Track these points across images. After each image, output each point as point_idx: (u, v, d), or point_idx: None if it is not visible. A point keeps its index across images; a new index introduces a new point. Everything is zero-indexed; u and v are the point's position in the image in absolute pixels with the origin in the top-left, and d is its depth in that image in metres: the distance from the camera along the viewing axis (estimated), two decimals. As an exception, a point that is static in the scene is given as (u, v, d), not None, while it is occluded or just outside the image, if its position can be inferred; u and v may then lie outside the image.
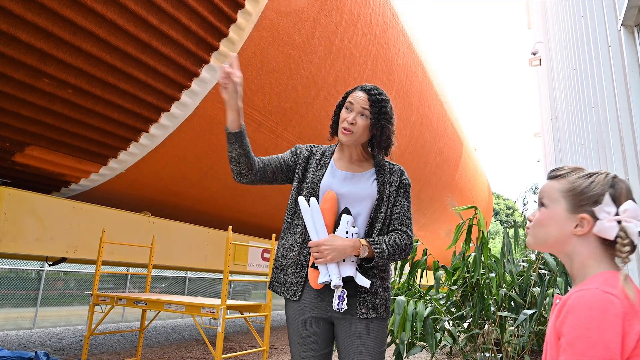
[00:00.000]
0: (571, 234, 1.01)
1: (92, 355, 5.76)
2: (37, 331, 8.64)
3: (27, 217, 4.54)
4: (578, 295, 0.91)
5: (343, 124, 1.68)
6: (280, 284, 1.71)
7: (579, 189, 1.02)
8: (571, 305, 0.91)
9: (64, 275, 10.86)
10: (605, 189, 0.99)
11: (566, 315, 0.90)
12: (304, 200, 1.63)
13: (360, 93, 1.69)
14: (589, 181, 1.01)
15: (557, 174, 1.08)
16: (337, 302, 1.56)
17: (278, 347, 7.19)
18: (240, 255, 7.03)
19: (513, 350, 3.88)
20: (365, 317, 1.61)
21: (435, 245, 12.95)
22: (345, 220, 1.61)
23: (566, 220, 1.02)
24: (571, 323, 0.88)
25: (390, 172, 1.78)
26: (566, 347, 0.87)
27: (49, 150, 4.64)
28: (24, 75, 3.85)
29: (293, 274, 1.67)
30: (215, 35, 4.66)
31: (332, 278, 1.54)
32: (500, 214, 44.50)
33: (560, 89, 6.87)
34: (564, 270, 3.61)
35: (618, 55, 2.31)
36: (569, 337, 0.88)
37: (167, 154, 5.42)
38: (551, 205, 1.06)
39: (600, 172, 1.04)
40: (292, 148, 1.84)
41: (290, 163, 1.78)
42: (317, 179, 1.69)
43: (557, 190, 1.05)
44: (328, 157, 1.78)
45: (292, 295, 1.66)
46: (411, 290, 4.30)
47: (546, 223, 1.06)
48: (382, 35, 7.31)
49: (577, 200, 1.01)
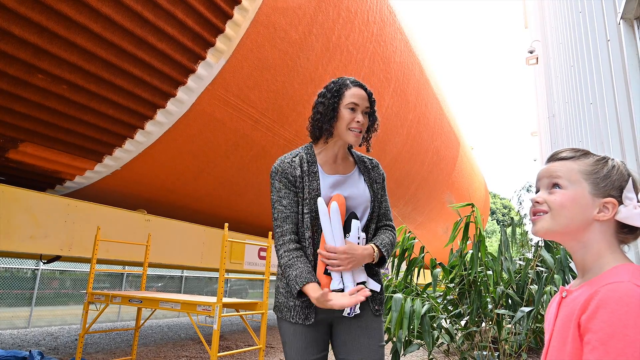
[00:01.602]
0: (593, 220, 0.94)
1: (87, 354, 5.71)
2: (31, 330, 8.58)
3: (21, 214, 4.50)
4: (609, 288, 0.83)
5: (352, 124, 1.62)
6: (289, 308, 1.61)
7: (602, 172, 0.95)
8: (602, 299, 0.82)
9: (60, 274, 10.80)
10: (628, 174, 0.95)
11: (596, 309, 0.82)
12: (323, 202, 1.58)
13: (360, 90, 1.66)
14: (611, 165, 0.96)
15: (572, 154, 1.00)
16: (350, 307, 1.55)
17: (274, 345, 7.16)
18: (236, 253, 7.00)
19: (510, 348, 3.87)
20: (379, 313, 1.67)
21: (432, 244, 12.95)
22: (355, 225, 1.61)
23: (590, 203, 0.94)
24: (605, 319, 0.80)
25: (371, 168, 1.78)
26: (598, 344, 0.79)
27: (44, 147, 4.60)
28: (18, 70, 3.80)
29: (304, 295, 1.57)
30: (212, 31, 4.63)
31: (347, 285, 1.55)
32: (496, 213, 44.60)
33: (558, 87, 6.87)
34: (561, 267, 3.60)
35: (617, 50, 2.30)
36: (601, 333, 0.79)
37: (163, 151, 5.38)
38: (571, 187, 0.96)
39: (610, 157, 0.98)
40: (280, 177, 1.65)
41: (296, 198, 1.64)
42: (315, 193, 1.62)
43: (578, 172, 0.97)
44: (313, 163, 1.67)
45: (304, 320, 1.58)
46: (408, 288, 4.28)
47: (568, 205, 0.96)
48: (379, 33, 7.28)
49: (602, 184, 0.94)
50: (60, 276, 10.83)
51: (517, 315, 3.48)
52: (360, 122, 1.62)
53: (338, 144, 1.69)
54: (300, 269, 1.53)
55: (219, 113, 5.40)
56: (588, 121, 3.70)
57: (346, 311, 1.56)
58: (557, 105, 7.29)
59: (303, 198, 1.62)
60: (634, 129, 2.09)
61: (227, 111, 5.46)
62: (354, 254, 1.52)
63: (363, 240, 1.61)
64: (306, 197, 1.61)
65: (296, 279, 1.52)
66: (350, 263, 1.52)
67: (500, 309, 3.88)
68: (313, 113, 1.70)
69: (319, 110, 1.66)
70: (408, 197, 10.95)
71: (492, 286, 3.86)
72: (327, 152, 1.70)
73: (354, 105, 1.62)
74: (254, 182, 6.84)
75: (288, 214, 1.61)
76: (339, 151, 1.71)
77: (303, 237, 1.61)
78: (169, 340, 7.47)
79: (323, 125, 1.64)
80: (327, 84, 1.71)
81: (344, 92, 1.64)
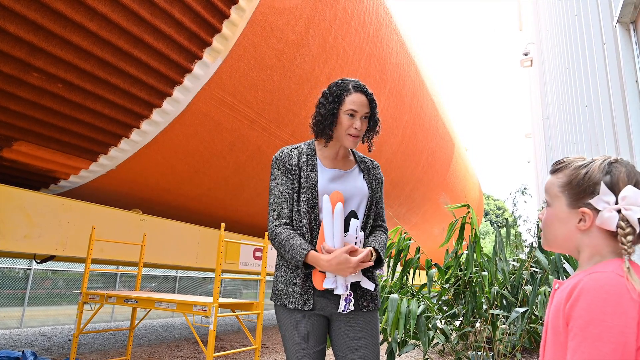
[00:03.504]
0: (576, 230, 0.96)
1: (80, 355, 5.68)
2: (24, 330, 8.51)
3: (15, 214, 4.46)
4: (592, 277, 0.86)
5: (350, 130, 1.68)
6: (288, 295, 1.64)
7: (575, 182, 0.96)
8: (584, 287, 0.85)
9: (52, 274, 10.71)
10: (600, 177, 0.93)
11: (577, 297, 0.84)
12: (328, 200, 1.61)
13: (361, 97, 1.69)
14: (584, 171, 0.95)
15: (557, 167, 1.02)
16: (344, 304, 1.59)
17: (269, 346, 7.15)
18: (232, 253, 6.98)
19: (505, 348, 3.89)
20: (368, 309, 1.66)
21: (426, 244, 12.99)
22: (354, 224, 1.63)
23: (568, 216, 0.97)
24: (584, 306, 0.82)
25: (372, 168, 1.84)
26: (577, 331, 0.82)
27: (38, 146, 4.56)
28: (13, 68, 3.78)
29: (302, 283, 1.63)
30: (209, 30, 4.62)
31: (338, 286, 1.57)
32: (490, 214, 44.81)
33: (552, 89, 6.92)
34: (555, 268, 3.63)
35: (613, 53, 2.32)
36: (580, 320, 0.82)
37: (158, 151, 5.36)
38: (553, 203, 1.00)
39: (598, 159, 0.97)
40: (278, 165, 1.71)
41: (293, 185, 1.69)
42: (313, 182, 1.67)
43: (556, 186, 1.00)
44: (312, 156, 1.73)
45: (303, 306, 1.61)
46: (404, 288, 4.29)
47: (550, 222, 1.01)
48: (375, 34, 7.30)
49: (575, 193, 0.95)
50: (52, 276, 10.75)
51: (511, 316, 3.50)
52: (357, 128, 1.67)
53: (337, 145, 1.76)
54: (303, 240, 1.59)
55: (215, 113, 5.39)
56: (583, 123, 3.73)
57: (340, 307, 1.58)
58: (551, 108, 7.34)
59: (300, 187, 1.67)
60: (630, 131, 2.11)
61: (224, 111, 5.45)
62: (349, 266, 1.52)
63: (361, 240, 1.63)
64: (304, 186, 1.66)
65: (301, 245, 1.56)
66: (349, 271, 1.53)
67: (494, 309, 3.90)
68: (315, 112, 1.75)
69: (320, 112, 1.72)
70: (403, 198, 10.98)
71: (487, 287, 3.88)
72: (329, 150, 1.76)
73: (353, 112, 1.67)
74: (250, 182, 6.83)
75: (284, 199, 1.67)
76: (340, 150, 1.77)
77: (300, 224, 1.65)
78: (163, 341, 7.43)
79: (324, 128, 1.70)
80: (330, 85, 1.75)
81: (344, 98, 1.68)
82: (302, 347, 1.63)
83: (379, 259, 1.65)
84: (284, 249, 1.59)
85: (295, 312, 1.63)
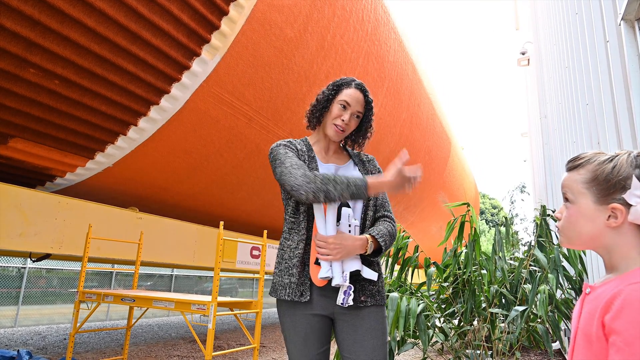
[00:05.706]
0: (605, 227, 0.91)
1: (76, 354, 5.63)
2: (18, 329, 8.45)
3: (10, 211, 4.41)
4: (634, 288, 0.81)
5: (336, 121, 1.69)
6: (284, 286, 1.60)
7: (602, 177, 0.92)
8: (627, 299, 0.80)
9: (47, 273, 10.63)
10: (630, 171, 0.89)
11: (620, 309, 0.80)
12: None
13: (359, 93, 1.70)
14: (611, 166, 0.91)
15: (576, 163, 0.98)
16: (343, 297, 1.52)
17: (267, 345, 7.13)
18: (229, 252, 6.95)
19: (504, 346, 3.89)
20: (365, 304, 1.60)
21: (423, 243, 13.00)
22: (346, 213, 1.61)
23: (596, 213, 0.92)
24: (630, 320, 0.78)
25: (366, 161, 1.85)
26: (623, 346, 0.77)
27: (34, 143, 4.51)
28: (9, 64, 3.72)
29: (299, 274, 1.59)
30: (207, 27, 4.58)
31: (335, 276, 1.52)
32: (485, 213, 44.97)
33: (550, 88, 6.92)
34: (555, 267, 3.63)
35: (617, 51, 2.31)
36: (626, 334, 0.77)
37: (155, 149, 5.32)
38: (576, 200, 0.96)
39: (622, 153, 0.94)
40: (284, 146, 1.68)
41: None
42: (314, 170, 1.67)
43: (579, 182, 0.95)
44: (310, 150, 1.74)
45: (300, 297, 1.57)
46: (402, 287, 4.28)
47: (575, 220, 0.96)
48: (373, 32, 7.28)
49: (603, 189, 0.92)
50: (47, 274, 10.66)
51: (510, 314, 3.49)
52: (344, 121, 1.68)
53: (327, 139, 1.76)
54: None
55: (213, 110, 5.35)
56: (584, 122, 3.73)
57: (339, 300, 1.53)
58: (549, 106, 7.35)
59: None
60: (634, 130, 2.10)
61: (222, 108, 5.41)
62: (343, 244, 1.52)
63: (355, 228, 1.61)
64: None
65: (356, 179, 1.51)
66: (339, 253, 1.51)
67: (493, 307, 3.90)
68: (314, 101, 1.78)
69: (317, 99, 1.75)
70: (400, 197, 10.98)
71: (486, 285, 3.87)
72: (320, 144, 1.77)
73: (345, 104, 1.69)
74: (248, 180, 6.80)
75: (300, 164, 1.58)
76: (332, 145, 1.78)
77: (297, 211, 1.64)
78: (160, 340, 7.40)
79: (315, 112, 1.73)
80: (336, 79, 1.77)
81: (342, 89, 1.71)
82: (302, 349, 1.59)
83: (378, 248, 1.61)
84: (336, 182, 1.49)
85: (294, 309, 1.59)
